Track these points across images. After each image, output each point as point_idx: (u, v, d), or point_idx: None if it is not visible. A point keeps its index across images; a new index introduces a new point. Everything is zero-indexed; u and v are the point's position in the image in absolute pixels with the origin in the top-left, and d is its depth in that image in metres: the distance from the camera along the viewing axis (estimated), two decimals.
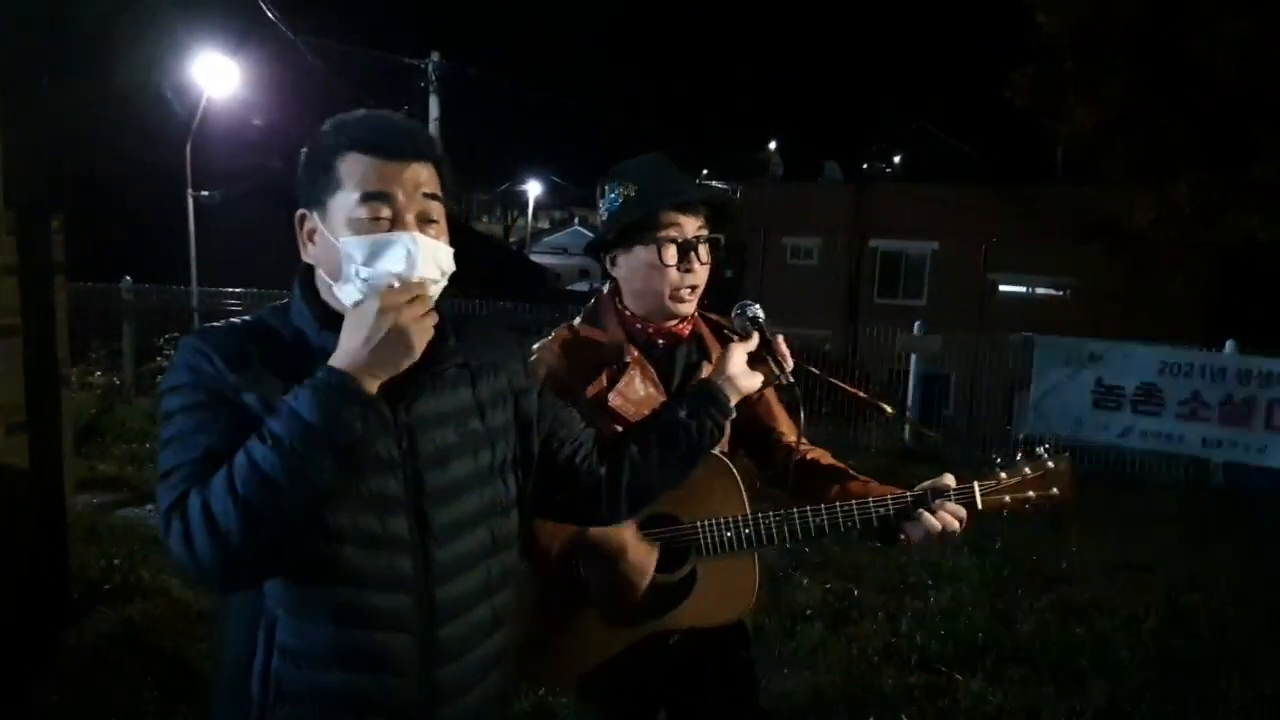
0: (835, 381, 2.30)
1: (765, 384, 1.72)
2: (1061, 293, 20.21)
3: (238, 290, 11.90)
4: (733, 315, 1.79)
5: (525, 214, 54.29)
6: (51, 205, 4.48)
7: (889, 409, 6.93)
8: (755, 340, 1.70)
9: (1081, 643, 4.36)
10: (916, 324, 9.02)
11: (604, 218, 1.94)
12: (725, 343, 1.74)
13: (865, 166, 31.45)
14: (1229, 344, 7.78)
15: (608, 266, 1.94)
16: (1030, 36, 14.12)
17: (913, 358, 9.02)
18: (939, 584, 5.06)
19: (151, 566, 4.79)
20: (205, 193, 16.61)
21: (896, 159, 37.49)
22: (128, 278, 10.58)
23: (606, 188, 1.92)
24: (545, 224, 60.29)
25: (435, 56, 19.54)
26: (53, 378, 4.56)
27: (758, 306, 1.75)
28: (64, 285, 4.61)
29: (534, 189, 50.42)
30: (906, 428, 8.44)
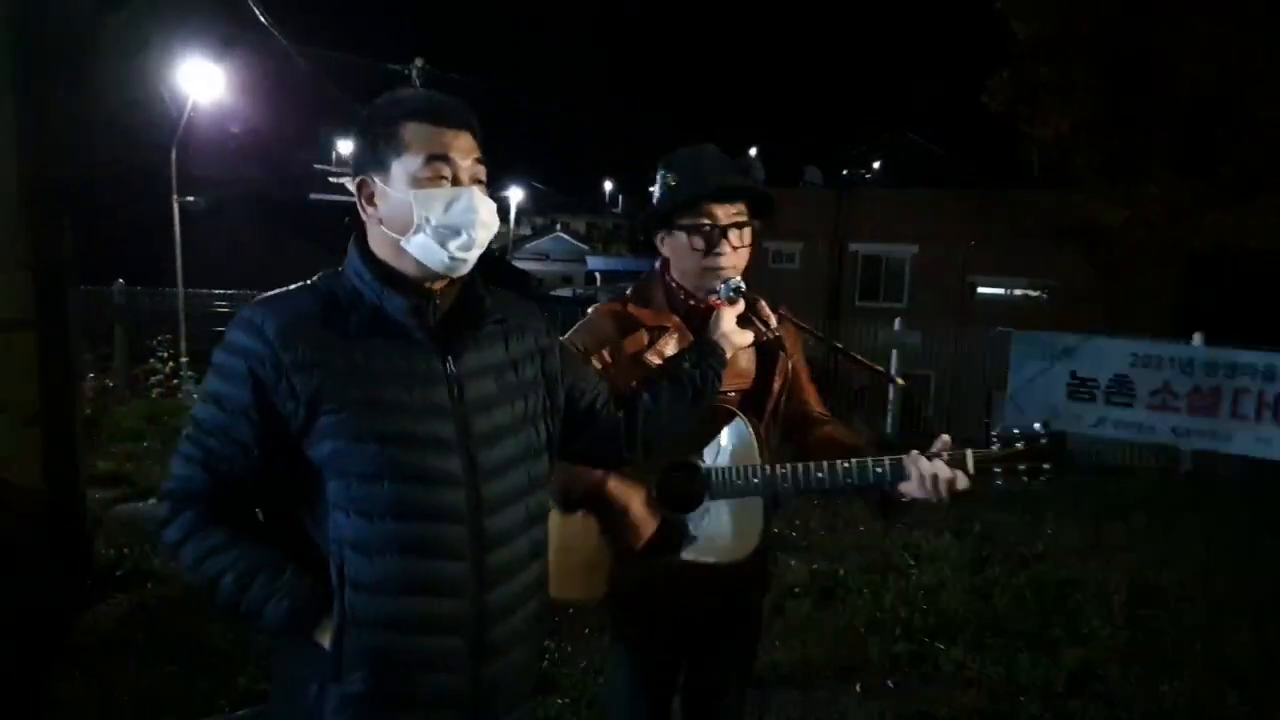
0: (834, 344, 2.48)
1: (756, 339, 2.05)
2: (1039, 294, 20.53)
3: (226, 293, 12.00)
4: (719, 287, 2.04)
5: (507, 220, 54.46)
6: (63, 204, 4.64)
7: (881, 369, 7.18)
8: (741, 305, 2.02)
9: (1055, 615, 4.59)
10: (897, 321, 9.26)
11: (654, 202, 2.15)
12: (751, 322, 2.05)
13: (845, 172, 31.76)
14: (1197, 337, 8.07)
15: (657, 244, 2.15)
16: (1005, 43, 14.42)
17: (893, 355, 9.24)
18: (921, 564, 5.29)
19: (163, 555, 4.93)
20: (191, 198, 16.69)
21: (876, 164, 37.85)
22: (120, 280, 10.68)
23: (658, 174, 2.14)
24: (527, 230, 60.43)
25: (419, 62, 19.71)
26: (66, 372, 4.71)
27: (739, 278, 2.04)
28: (77, 282, 4.77)
29: (515, 195, 50.59)
30: (889, 419, 8.67)
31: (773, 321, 2.08)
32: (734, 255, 2.07)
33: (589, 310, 2.20)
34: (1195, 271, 13.94)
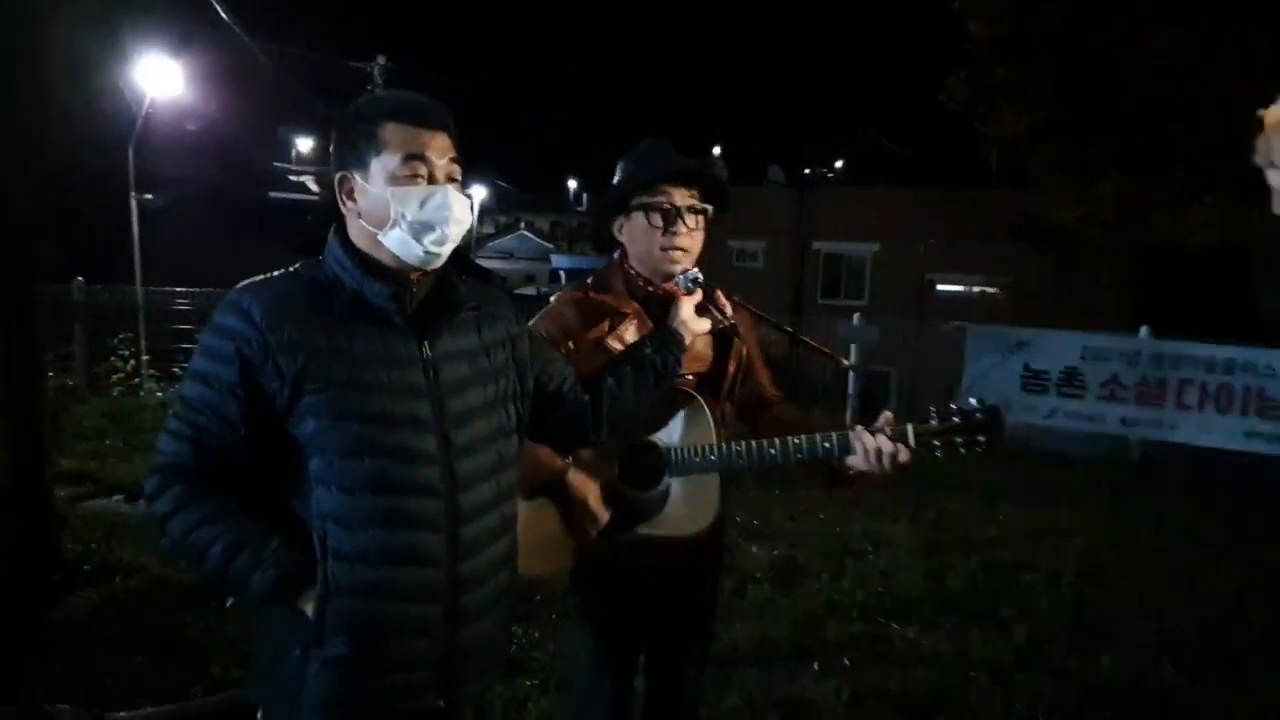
0: (786, 328, 2.60)
1: (713, 327, 2.18)
2: (996, 290, 20.91)
3: (187, 290, 11.92)
4: (677, 280, 2.16)
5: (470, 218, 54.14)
6: (30, 201, 4.66)
7: (843, 361, 7.45)
8: (699, 295, 2.16)
9: (1006, 595, 4.77)
10: (855, 316, 9.45)
11: (611, 189, 2.26)
12: (708, 311, 2.17)
13: (808, 171, 32.03)
14: (1144, 330, 8.33)
15: (615, 232, 2.26)
16: (963, 44, 14.66)
17: (852, 349, 9.42)
18: (877, 549, 5.46)
19: (130, 548, 4.97)
20: (149, 196, 16.53)
21: (838, 163, 38.21)
22: (79, 278, 10.60)
23: (618, 167, 2.26)
24: (491, 228, 60.20)
25: (381, 60, 19.65)
26: (33, 368, 4.73)
27: (697, 271, 2.17)
28: (41, 278, 4.78)
29: (479, 193, 50.44)
30: (849, 412, 8.85)
31: (728, 310, 2.22)
32: (689, 237, 2.18)
33: (552, 299, 2.30)
34: (1146, 267, 14.27)
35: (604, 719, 2.33)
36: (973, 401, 2.09)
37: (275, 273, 1.70)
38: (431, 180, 1.66)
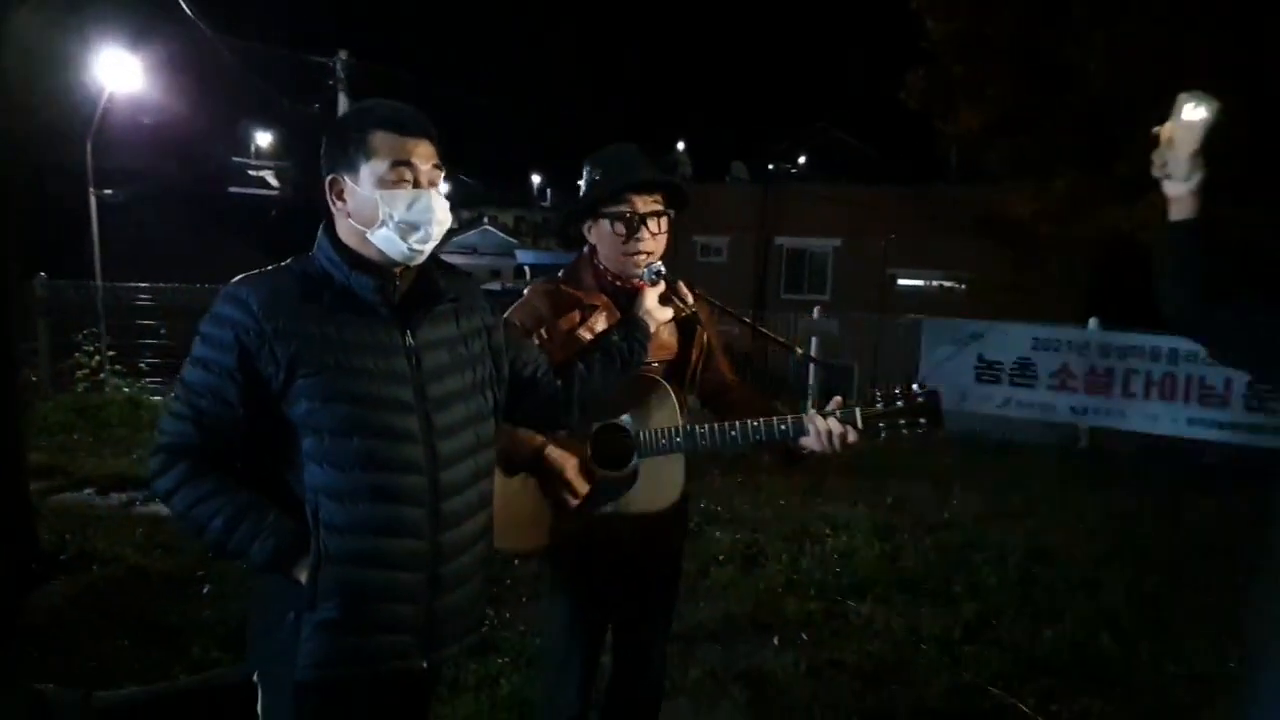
0: (744, 319, 2.76)
1: (675, 315, 2.35)
2: (956, 284, 21.27)
3: (149, 286, 11.88)
4: (641, 271, 2.33)
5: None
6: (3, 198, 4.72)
7: (798, 351, 7.63)
8: (662, 286, 2.32)
9: (956, 574, 5.00)
10: (815, 309, 9.67)
11: (580, 194, 2.42)
12: (671, 301, 2.34)
13: (771, 167, 32.27)
14: (1092, 321, 8.64)
15: (584, 232, 2.42)
16: (922, 41, 14.91)
17: (814, 342, 9.63)
18: (835, 532, 5.67)
19: (105, 539, 5.05)
20: (109, 191, 16.39)
21: (801, 159, 38.53)
22: (42, 274, 10.54)
23: (585, 170, 2.41)
24: (454, 224, 59.68)
25: (343, 55, 19.57)
26: (6, 361, 4.79)
27: (659, 263, 2.33)
28: (15, 272, 4.84)
29: (441, 188, 50.04)
30: (809, 403, 9.05)
31: (689, 299, 2.39)
32: (652, 241, 2.35)
33: (525, 291, 2.46)
34: (1097, 260, 14.63)
35: (574, 687, 2.49)
36: (915, 386, 2.24)
37: (269, 267, 1.84)
38: (416, 184, 1.81)
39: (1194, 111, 2.06)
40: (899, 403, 2.23)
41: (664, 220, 2.37)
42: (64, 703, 3.05)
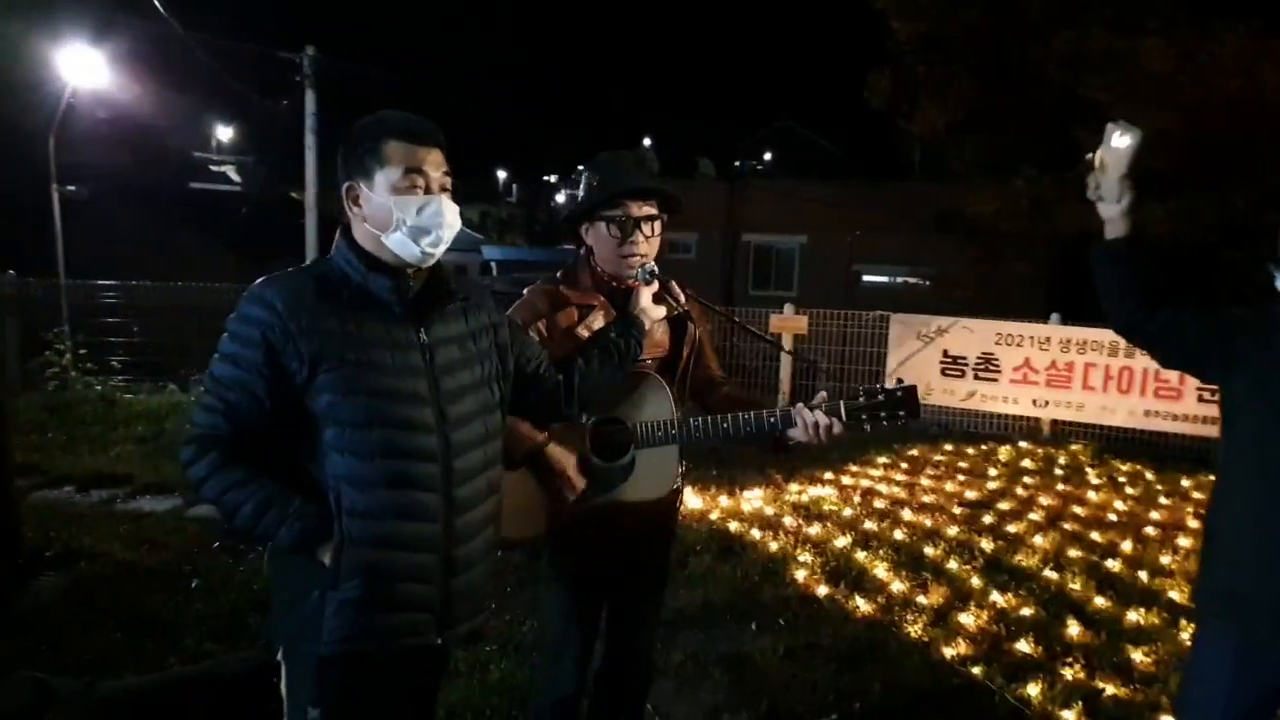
0: (734, 318, 2.92)
1: (669, 314, 2.48)
2: (920, 280, 21.60)
3: (119, 284, 11.81)
4: (635, 271, 2.45)
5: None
6: None
7: (785, 349, 7.86)
8: (655, 285, 2.45)
9: (925, 559, 5.19)
10: (786, 306, 9.85)
11: (579, 198, 2.55)
12: (664, 300, 2.46)
13: (737, 163, 32.44)
14: (1054, 317, 8.90)
15: (582, 235, 2.54)
16: (886, 41, 15.15)
17: (784, 338, 9.80)
18: (808, 522, 5.83)
19: (92, 535, 5.09)
20: (73, 187, 16.17)
21: (766, 156, 38.83)
22: (11, 271, 10.45)
23: (583, 176, 2.54)
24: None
25: (310, 51, 19.46)
26: None
27: (653, 264, 2.46)
28: None
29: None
30: (780, 396, 9.24)
31: (682, 299, 2.52)
32: (646, 244, 2.49)
33: (525, 291, 2.58)
34: (1058, 257, 14.95)
35: (571, 668, 2.63)
36: (891, 382, 2.42)
37: (289, 270, 1.96)
38: (428, 191, 1.93)
39: (1121, 139, 2.29)
40: (880, 396, 2.38)
41: (657, 224, 2.50)
42: (67, 692, 3.12)
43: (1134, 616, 4.49)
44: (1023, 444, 8.49)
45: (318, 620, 1.88)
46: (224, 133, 38.89)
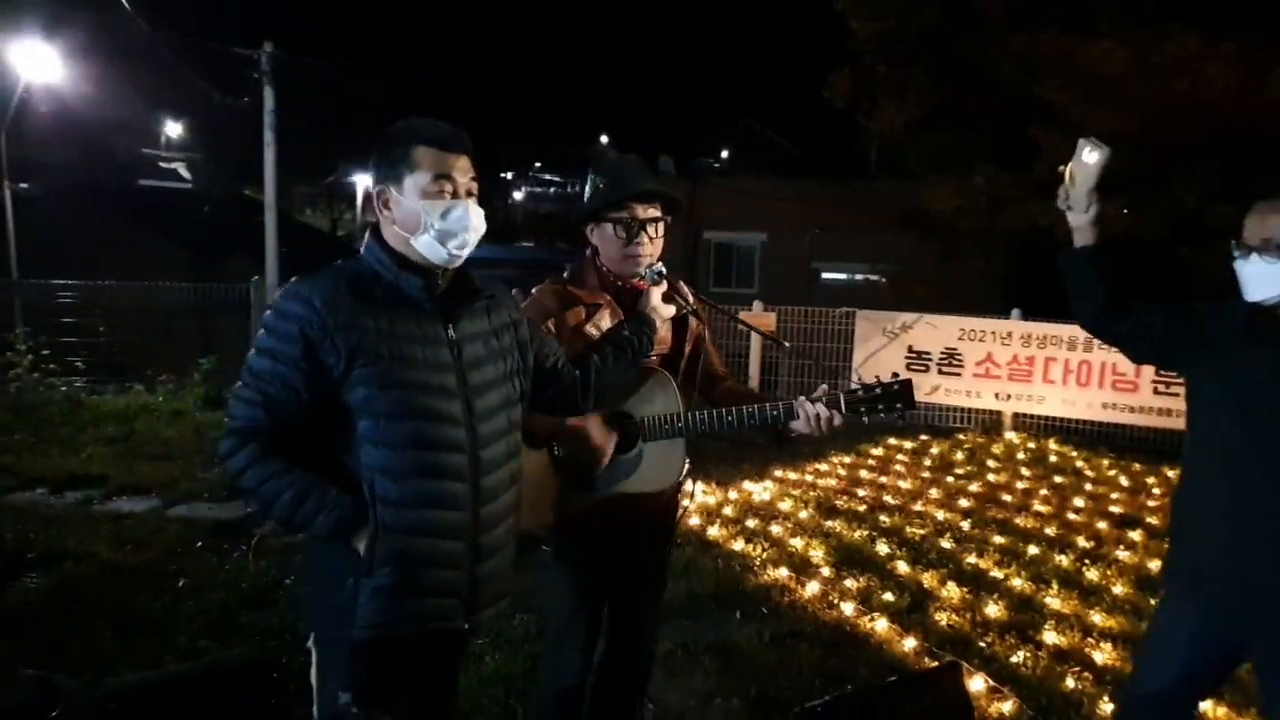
0: (736, 318, 3.03)
1: (678, 312, 2.58)
2: (879, 278, 21.91)
3: (70, 284, 11.63)
4: (645, 273, 2.55)
5: (354, 207, 52.86)
6: None
7: (786, 343, 8.02)
8: (664, 285, 2.55)
9: (899, 549, 5.35)
10: (755, 302, 10.00)
11: (585, 200, 2.63)
12: (673, 299, 2.56)
13: (696, 160, 32.56)
14: (1015, 312, 9.13)
15: (588, 235, 2.63)
16: (846, 41, 15.36)
17: (752, 336, 9.94)
18: (784, 515, 5.97)
19: (73, 536, 5.07)
20: (25, 185, 15.85)
21: (724, 154, 39.06)
22: None
23: (589, 178, 2.62)
24: (372, 217, 58.52)
25: (268, 47, 19.26)
26: None
27: (660, 265, 2.56)
28: None
29: (363, 181, 49.30)
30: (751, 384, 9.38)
31: (690, 298, 2.62)
32: (650, 245, 2.58)
33: (534, 290, 2.66)
34: (1017, 253, 15.27)
35: (575, 657, 2.71)
36: (888, 376, 2.55)
37: (323, 269, 2.03)
38: (455, 195, 2.01)
39: (1090, 155, 2.49)
40: (877, 390, 2.50)
41: (661, 225, 2.60)
42: (68, 690, 3.14)
43: (1099, 596, 4.68)
44: (986, 436, 8.72)
45: (352, 606, 1.95)
46: (173, 129, 38.23)
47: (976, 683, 3.69)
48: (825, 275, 23.67)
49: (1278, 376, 2.25)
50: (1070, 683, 3.78)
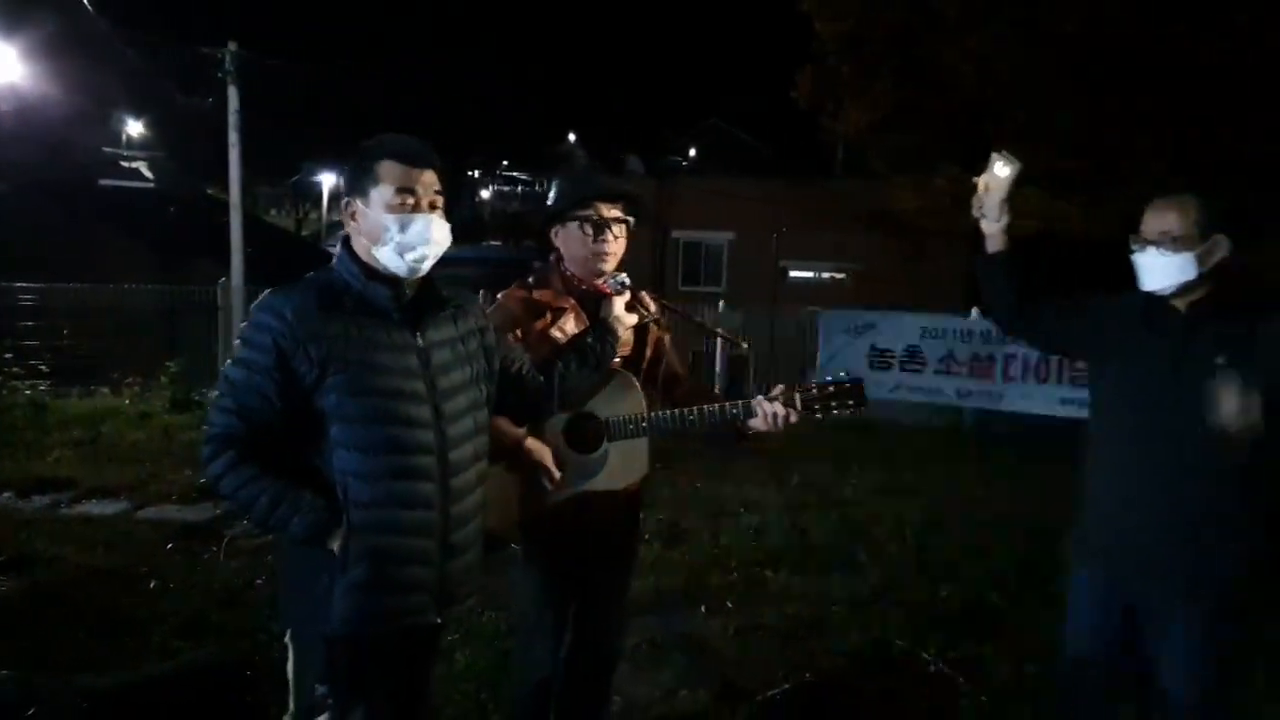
0: (699, 321, 3.16)
1: (640, 320, 2.70)
2: (844, 276, 22.12)
3: (31, 286, 11.55)
4: (609, 283, 2.65)
5: (320, 207, 52.49)
6: None
7: (744, 343, 8.17)
8: (627, 295, 2.66)
9: (860, 543, 5.50)
10: (721, 303, 10.14)
11: (549, 203, 2.73)
12: (635, 308, 2.67)
13: (663, 160, 32.65)
14: (974, 310, 9.29)
15: (552, 238, 2.72)
16: (811, 41, 15.53)
17: (718, 337, 10.08)
18: (749, 510, 6.11)
19: (43, 540, 5.09)
20: None
21: (691, 152, 39.19)
22: None
23: (555, 182, 2.74)
24: (339, 217, 58.20)
25: (232, 46, 19.13)
26: None
27: (624, 275, 2.66)
28: None
29: (328, 180, 48.99)
30: (715, 387, 9.52)
31: (653, 307, 2.75)
32: (614, 244, 2.68)
33: (499, 296, 2.75)
34: (979, 252, 15.53)
35: (545, 653, 2.80)
36: (843, 374, 2.65)
37: (296, 281, 2.11)
38: (417, 208, 2.10)
39: (1003, 169, 2.68)
40: (830, 388, 2.62)
41: (624, 227, 2.70)
42: (48, 689, 3.19)
43: (1051, 591, 4.83)
44: (947, 433, 8.93)
45: (326, 604, 2.04)
46: (134, 128, 37.76)
47: (934, 670, 3.83)
48: (792, 274, 23.83)
49: (1169, 362, 2.41)
50: (1029, 669, 3.93)
